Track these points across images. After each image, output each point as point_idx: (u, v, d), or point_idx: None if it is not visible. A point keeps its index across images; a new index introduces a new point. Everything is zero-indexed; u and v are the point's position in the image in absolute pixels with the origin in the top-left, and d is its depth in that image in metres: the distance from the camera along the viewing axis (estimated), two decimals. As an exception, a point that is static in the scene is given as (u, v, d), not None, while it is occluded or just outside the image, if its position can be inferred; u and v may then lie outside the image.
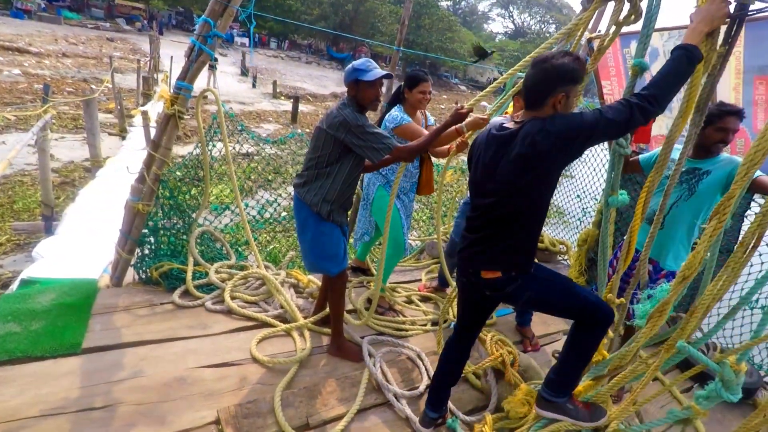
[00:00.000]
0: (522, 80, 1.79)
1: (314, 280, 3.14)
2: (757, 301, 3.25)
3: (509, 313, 3.55)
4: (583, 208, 5.04)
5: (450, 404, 2.32)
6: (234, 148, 3.34)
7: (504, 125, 1.72)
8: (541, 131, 1.55)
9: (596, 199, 4.77)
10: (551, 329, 3.52)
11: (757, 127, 3.11)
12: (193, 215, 3.13)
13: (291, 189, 4.91)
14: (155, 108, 11.11)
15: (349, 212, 2.64)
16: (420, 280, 3.89)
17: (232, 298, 2.82)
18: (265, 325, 2.69)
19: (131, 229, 2.87)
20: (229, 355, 2.40)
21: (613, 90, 3.99)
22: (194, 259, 3.01)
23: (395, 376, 2.49)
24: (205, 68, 2.87)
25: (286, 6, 33.91)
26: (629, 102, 1.50)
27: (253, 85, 20.86)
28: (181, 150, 8.76)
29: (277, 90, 19.95)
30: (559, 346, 3.28)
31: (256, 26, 2.82)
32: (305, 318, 2.77)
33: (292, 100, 16.28)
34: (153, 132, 6.60)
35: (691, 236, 2.48)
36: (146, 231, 2.95)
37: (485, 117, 2.49)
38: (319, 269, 2.54)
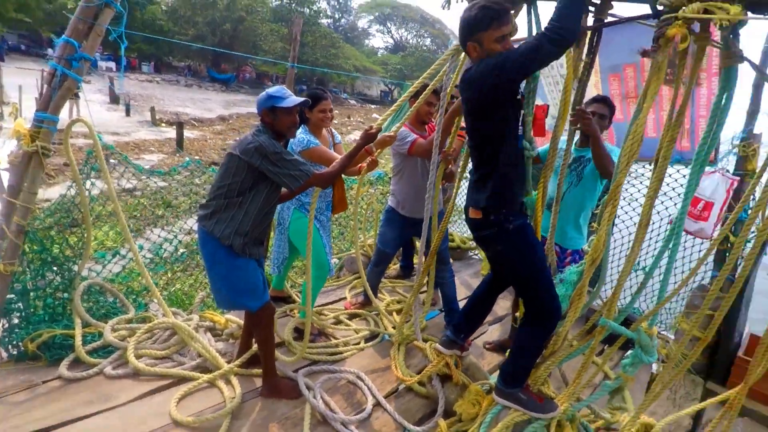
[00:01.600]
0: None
1: (233, 319, 2.85)
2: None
3: (437, 315, 3.59)
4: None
5: (397, 417, 2.30)
6: (114, 184, 2.91)
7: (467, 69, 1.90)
8: (474, 75, 1.80)
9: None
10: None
11: (615, 116, 3.58)
12: (75, 267, 2.67)
13: (189, 223, 4.53)
14: (4, 148, 9.48)
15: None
16: (345, 298, 3.77)
17: (138, 356, 2.44)
18: (183, 380, 2.36)
19: (-8, 296, 2.34)
20: (144, 425, 2.04)
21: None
22: (82, 320, 2.55)
23: (339, 403, 2.36)
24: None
25: (157, 27, 31.58)
26: (538, 35, 1.67)
27: (127, 113, 18.97)
28: (44, 194, 7.53)
29: (156, 117, 18.37)
30: (488, 337, 3.39)
31: (127, 50, 2.50)
32: (229, 363, 2.49)
33: (175, 127, 15.09)
34: (4, 177, 5.61)
35: (585, 218, 2.76)
36: (13, 296, 2.43)
37: (392, 134, 2.51)
38: (237, 306, 2.33)
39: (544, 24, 1.72)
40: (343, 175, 2.94)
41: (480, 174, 1.95)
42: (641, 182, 3.91)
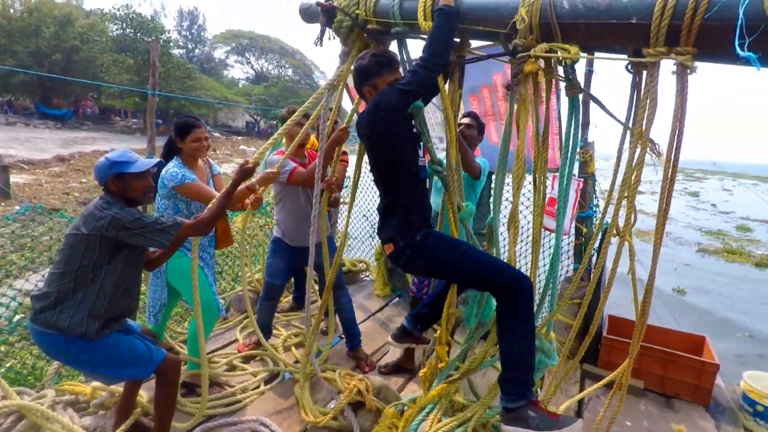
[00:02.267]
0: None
1: (101, 386, 2.41)
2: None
3: (338, 342, 3.51)
4: (372, 226, 5.48)
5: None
6: None
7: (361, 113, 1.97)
8: (365, 113, 1.89)
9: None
10: (378, 343, 3.64)
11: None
12: None
13: (26, 285, 3.75)
14: None
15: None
16: (236, 340, 3.48)
17: (-31, 458, 1.90)
18: (39, 474, 1.90)
19: None
20: None
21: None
22: None
23: (245, 458, 2.13)
24: None
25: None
26: (413, 66, 1.82)
27: (-77, 160, 15.25)
28: None
29: (-33, 162, 15.09)
30: (389, 357, 3.41)
31: None
32: (102, 439, 2.08)
33: (-4, 172, 12.55)
34: None
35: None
36: None
37: (275, 171, 2.42)
38: (127, 379, 2.05)
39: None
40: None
41: (385, 204, 1.97)
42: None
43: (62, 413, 2.20)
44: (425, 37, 1.77)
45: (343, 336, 3.42)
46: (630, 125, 1.54)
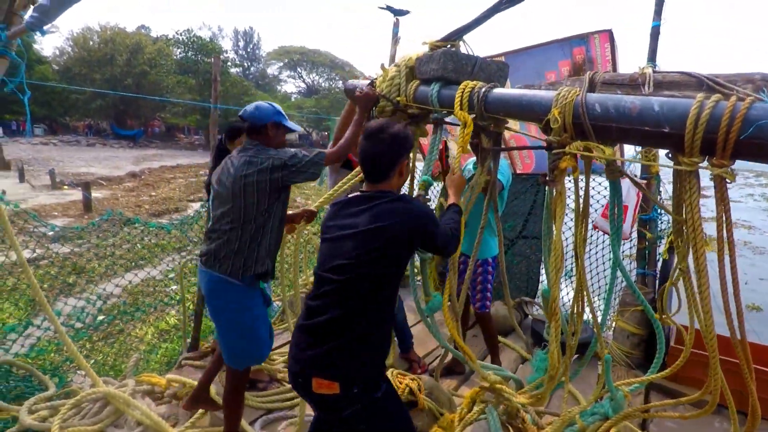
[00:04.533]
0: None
1: (175, 378, 2.61)
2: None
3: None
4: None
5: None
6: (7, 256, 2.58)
7: (351, 196, 1.65)
8: (396, 216, 1.50)
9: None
10: (430, 346, 3.66)
11: (532, 136, 3.94)
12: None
13: (103, 287, 4.13)
14: None
15: None
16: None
17: (65, 437, 2.13)
18: (123, 454, 2.10)
19: None
20: None
21: (421, 121, 4.54)
22: (-9, 406, 2.19)
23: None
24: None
25: (49, 87, 29.36)
26: (452, 229, 1.65)
27: (21, 179, 17.15)
28: None
29: (57, 179, 16.78)
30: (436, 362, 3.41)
31: (9, 112, 2.29)
32: (174, 426, 2.26)
33: (78, 189, 13.90)
34: None
35: (490, 228, 2.87)
36: None
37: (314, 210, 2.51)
38: (253, 360, 2.16)
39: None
40: None
41: (337, 324, 1.52)
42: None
43: (141, 401, 2.41)
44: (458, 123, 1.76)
45: (395, 338, 3.47)
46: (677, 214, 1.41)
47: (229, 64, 43.58)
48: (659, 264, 3.33)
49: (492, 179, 1.96)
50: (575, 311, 1.78)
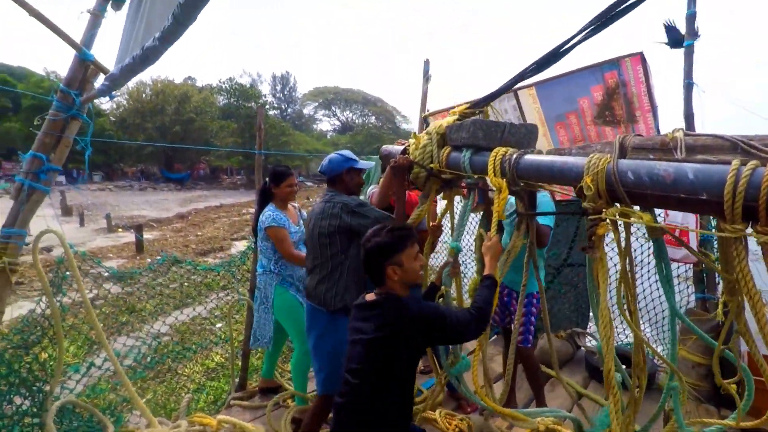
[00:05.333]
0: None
1: (226, 419, 2.65)
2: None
3: (432, 384, 3.49)
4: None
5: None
6: (70, 297, 2.77)
7: (365, 299, 1.74)
8: (397, 315, 1.60)
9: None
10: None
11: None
12: (46, 388, 2.45)
13: (155, 327, 4.31)
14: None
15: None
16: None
17: (124, 477, 2.20)
18: (178, 496, 2.14)
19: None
20: None
21: (456, 154, 4.58)
22: (57, 446, 2.30)
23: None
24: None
25: (106, 136, 31.85)
26: (472, 312, 1.68)
27: (81, 224, 18.42)
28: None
29: (112, 223, 17.92)
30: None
31: (71, 161, 2.55)
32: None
33: (132, 231, 14.75)
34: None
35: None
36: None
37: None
38: (335, 387, 2.21)
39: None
40: None
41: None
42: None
43: (194, 441, 2.47)
44: (493, 189, 1.77)
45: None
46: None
47: (267, 107, 45.87)
48: (719, 287, 3.13)
49: (531, 234, 1.98)
50: (638, 365, 1.67)
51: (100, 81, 2.40)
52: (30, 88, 33.49)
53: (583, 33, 1.52)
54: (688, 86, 3.01)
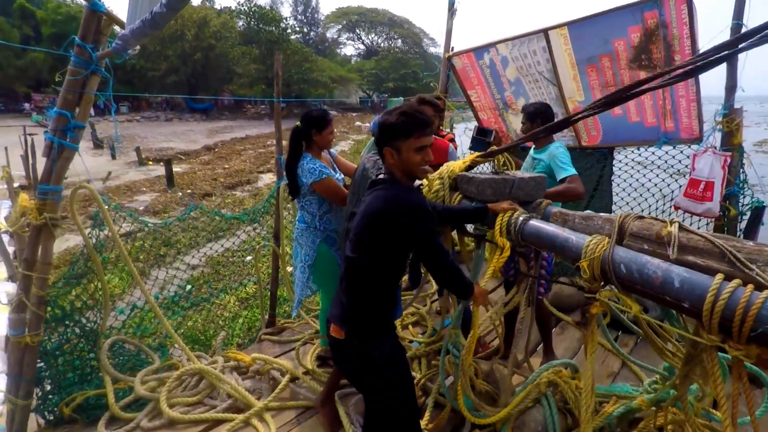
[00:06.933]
0: None
1: (259, 356, 2.92)
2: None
3: (450, 323, 3.67)
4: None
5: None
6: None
7: (375, 170, 1.80)
8: (382, 202, 1.64)
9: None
10: (488, 325, 3.70)
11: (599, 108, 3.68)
12: (97, 327, 2.73)
13: (189, 259, 4.59)
14: (1, 212, 9.54)
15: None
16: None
17: (170, 406, 2.50)
18: (218, 423, 2.43)
19: (22, 368, 2.41)
20: (188, 474, 2.12)
21: (480, 97, 4.41)
22: (111, 377, 2.62)
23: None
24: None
25: (129, 66, 31.62)
26: (454, 269, 1.73)
27: (113, 156, 18.99)
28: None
29: (143, 156, 18.40)
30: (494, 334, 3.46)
31: (99, 92, 2.58)
32: (259, 400, 2.57)
33: (162, 164, 15.14)
34: (6, 239, 5.62)
35: None
36: (42, 364, 2.50)
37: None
38: None
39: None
40: None
41: (348, 285, 1.82)
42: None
43: (229, 376, 2.75)
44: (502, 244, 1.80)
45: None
46: None
47: (289, 31, 43.96)
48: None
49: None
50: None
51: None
52: (48, 14, 33.03)
53: None
54: (737, 28, 2.72)
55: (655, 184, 3.82)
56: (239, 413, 2.48)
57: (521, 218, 1.76)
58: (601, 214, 1.66)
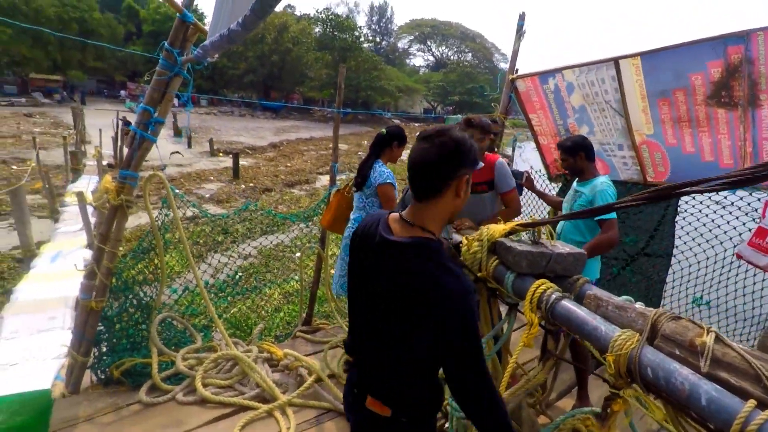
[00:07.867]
0: None
1: (290, 352, 3.05)
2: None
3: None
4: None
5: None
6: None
7: (386, 228, 1.29)
8: (428, 290, 1.19)
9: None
10: (521, 358, 3.62)
11: (668, 141, 3.49)
12: (152, 302, 2.99)
13: (243, 248, 4.87)
14: (89, 186, 10.62)
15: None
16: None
17: (204, 385, 2.69)
18: (243, 409, 2.58)
19: (85, 328, 2.69)
20: (212, 451, 2.27)
21: (541, 122, 4.34)
22: (158, 350, 2.85)
23: None
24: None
25: (211, 64, 33.98)
26: (486, 383, 1.29)
27: (189, 146, 20.46)
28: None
29: (215, 147, 19.67)
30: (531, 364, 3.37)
31: (181, 85, 2.85)
32: (284, 394, 2.68)
33: (230, 156, 16.09)
34: (90, 210, 6.27)
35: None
36: (101, 328, 2.77)
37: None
38: None
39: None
40: None
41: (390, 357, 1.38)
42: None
43: (261, 366, 2.90)
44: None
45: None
46: None
47: (362, 39, 45.17)
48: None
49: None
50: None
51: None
52: (150, 13, 36.34)
53: None
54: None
55: (725, 231, 3.55)
56: (265, 403, 2.61)
57: (553, 296, 1.72)
58: (636, 305, 1.58)
